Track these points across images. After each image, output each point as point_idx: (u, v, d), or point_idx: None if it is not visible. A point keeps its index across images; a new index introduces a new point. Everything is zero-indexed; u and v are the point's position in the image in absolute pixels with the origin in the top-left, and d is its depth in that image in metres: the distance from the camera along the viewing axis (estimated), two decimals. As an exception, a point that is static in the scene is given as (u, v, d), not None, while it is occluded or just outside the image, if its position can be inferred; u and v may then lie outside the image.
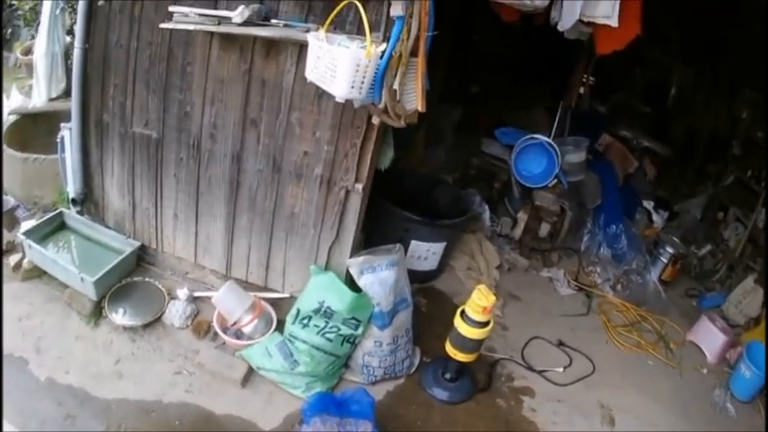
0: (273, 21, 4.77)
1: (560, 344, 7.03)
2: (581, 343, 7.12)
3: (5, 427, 4.50)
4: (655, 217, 10.00)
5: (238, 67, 5.11)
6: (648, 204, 10.08)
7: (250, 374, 5.47)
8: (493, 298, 5.39)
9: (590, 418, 6.15)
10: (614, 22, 5.31)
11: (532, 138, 7.97)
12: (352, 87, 4.11)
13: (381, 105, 4.47)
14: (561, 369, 6.63)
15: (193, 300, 5.93)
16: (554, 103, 8.85)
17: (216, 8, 4.84)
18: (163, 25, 4.91)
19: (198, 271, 6.25)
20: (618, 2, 5.23)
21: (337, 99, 4.21)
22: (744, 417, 6.75)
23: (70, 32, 6.45)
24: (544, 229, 8.85)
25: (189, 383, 5.28)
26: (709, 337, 7.73)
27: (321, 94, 4.88)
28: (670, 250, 8.89)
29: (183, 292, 5.85)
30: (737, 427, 6.59)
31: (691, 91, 11.16)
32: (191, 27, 4.82)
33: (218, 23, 4.77)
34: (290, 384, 5.41)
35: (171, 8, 4.93)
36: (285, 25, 4.73)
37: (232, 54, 5.09)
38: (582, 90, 9.21)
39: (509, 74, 10.79)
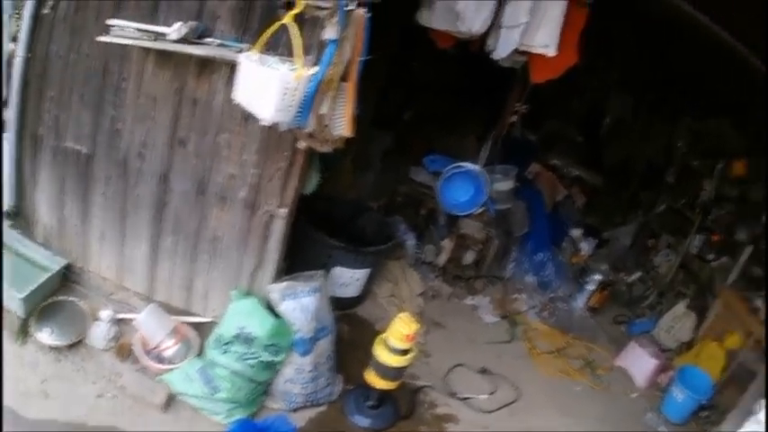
0: (209, 39, 4.77)
1: (484, 371, 7.07)
2: (506, 370, 7.18)
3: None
4: (582, 244, 10.10)
5: (171, 85, 5.10)
6: (576, 232, 10.20)
7: (172, 399, 5.40)
8: (415, 325, 5.45)
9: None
10: (552, 52, 5.42)
11: (460, 166, 8.03)
12: (279, 110, 4.12)
13: (308, 130, 4.50)
14: (485, 396, 6.68)
15: (117, 321, 5.80)
16: (486, 131, 8.93)
17: (154, 23, 4.82)
18: (100, 38, 4.85)
19: (122, 292, 6.13)
20: (558, 31, 5.32)
21: (264, 122, 4.22)
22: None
23: (15, 40, 6.38)
24: (469, 256, 8.90)
25: (112, 406, 5.20)
26: (639, 362, 7.92)
27: (249, 116, 4.76)
28: (598, 277, 9.10)
29: (106, 314, 5.71)
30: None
31: (628, 120, 11.35)
32: (127, 42, 4.79)
33: (155, 39, 4.74)
34: (211, 410, 5.36)
35: (109, 21, 4.88)
36: (220, 44, 4.73)
37: (166, 71, 5.07)
38: (514, 118, 9.31)
39: (444, 101, 10.81)
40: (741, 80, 6.97)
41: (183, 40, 4.67)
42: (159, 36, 4.72)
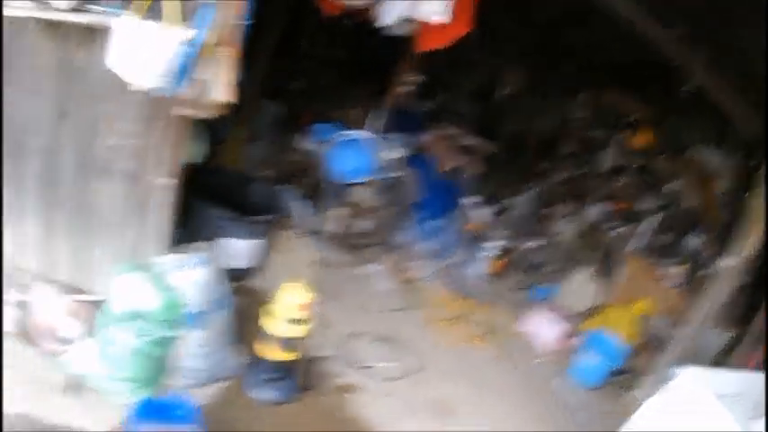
0: (95, 7, 4.73)
1: (383, 339, 7.28)
2: (405, 338, 7.41)
3: None
4: (479, 212, 10.41)
5: (57, 54, 5.07)
6: (471, 200, 10.51)
7: (74, 380, 5.31)
8: (308, 295, 5.69)
9: (422, 412, 6.44)
10: (444, 19, 5.59)
11: (348, 134, 8.36)
12: (154, 76, 4.25)
13: (186, 96, 4.60)
14: (387, 365, 6.87)
15: (18, 304, 5.69)
16: (376, 101, 9.19)
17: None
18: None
19: (18, 273, 5.95)
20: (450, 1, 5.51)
21: (139, 89, 4.33)
22: (591, 402, 7.34)
23: None
24: (361, 224, 9.02)
25: (11, 391, 5.02)
26: (544, 328, 8.26)
27: (128, 84, 4.66)
28: (495, 244, 9.47)
29: (6, 297, 5.63)
30: (586, 412, 7.15)
31: (523, 91, 11.77)
32: (20, 13, 4.73)
33: (45, 9, 4.68)
34: (113, 391, 5.33)
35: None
36: (105, 12, 4.69)
37: (53, 41, 5.02)
38: (407, 88, 9.49)
39: (336, 72, 11.08)
40: (642, 52, 7.26)
41: (72, 9, 4.68)
42: (46, 5, 4.71)
